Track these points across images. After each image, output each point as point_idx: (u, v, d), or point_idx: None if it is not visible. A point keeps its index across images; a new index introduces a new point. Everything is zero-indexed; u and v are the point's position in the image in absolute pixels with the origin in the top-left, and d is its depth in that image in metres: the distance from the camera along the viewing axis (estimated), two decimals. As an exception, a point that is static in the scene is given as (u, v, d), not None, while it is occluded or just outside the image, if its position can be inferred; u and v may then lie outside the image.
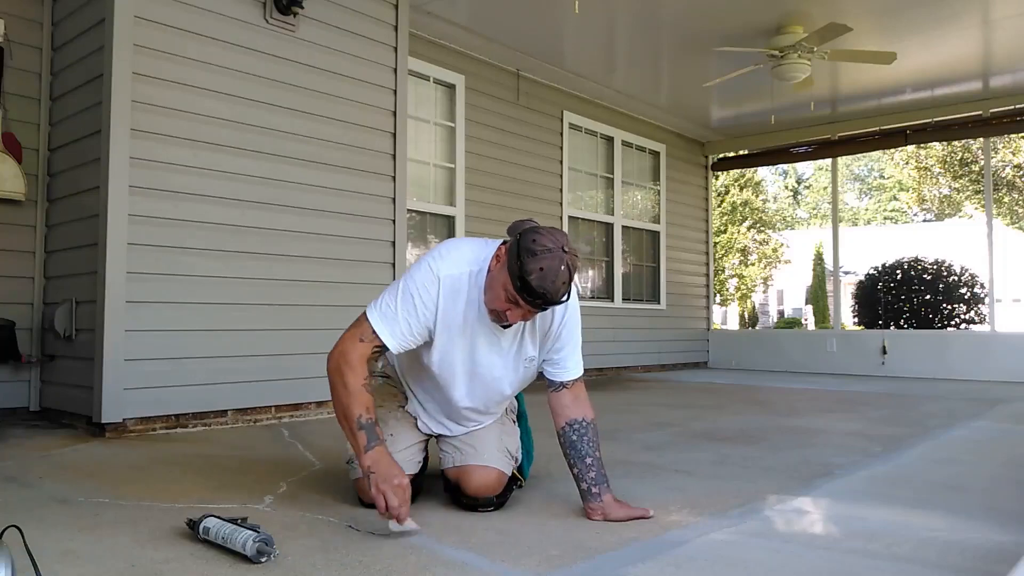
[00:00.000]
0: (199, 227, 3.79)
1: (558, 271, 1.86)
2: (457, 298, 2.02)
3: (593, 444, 2.12)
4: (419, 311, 2.00)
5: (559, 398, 2.17)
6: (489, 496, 2.17)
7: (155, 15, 3.65)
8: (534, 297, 1.87)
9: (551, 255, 1.86)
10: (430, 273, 2.01)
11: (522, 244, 1.89)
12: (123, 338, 3.51)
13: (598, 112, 7.52)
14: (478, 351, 2.09)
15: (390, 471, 1.88)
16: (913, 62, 6.43)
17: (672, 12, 5.66)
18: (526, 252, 1.86)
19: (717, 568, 1.70)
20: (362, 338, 1.99)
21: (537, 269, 1.84)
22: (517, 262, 1.87)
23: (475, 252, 2.06)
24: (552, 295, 1.88)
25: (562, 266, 1.87)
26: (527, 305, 1.90)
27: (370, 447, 1.90)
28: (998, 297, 8.74)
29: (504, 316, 1.95)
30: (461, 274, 2.02)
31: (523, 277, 1.85)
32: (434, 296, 2.00)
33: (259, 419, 4.01)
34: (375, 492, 1.85)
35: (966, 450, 3.43)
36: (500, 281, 1.92)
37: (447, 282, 2.00)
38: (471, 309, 2.03)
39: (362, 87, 4.51)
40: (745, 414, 4.63)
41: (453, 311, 2.03)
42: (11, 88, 4.00)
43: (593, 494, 2.09)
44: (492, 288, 1.95)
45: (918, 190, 22.64)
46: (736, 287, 22.09)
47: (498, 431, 2.27)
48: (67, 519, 2.06)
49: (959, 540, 1.94)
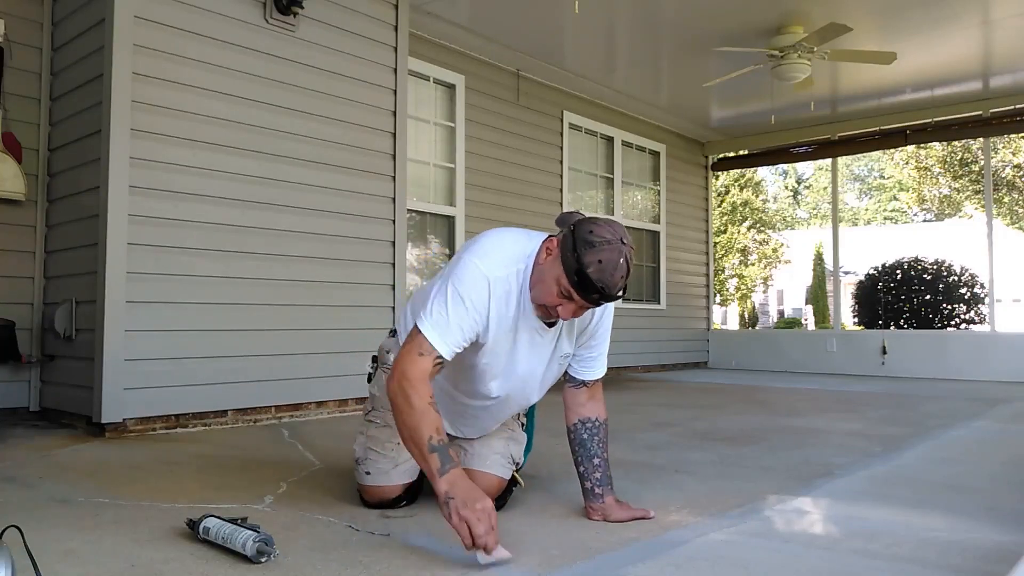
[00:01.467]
0: (199, 227, 3.79)
1: (617, 264, 1.77)
2: (509, 300, 1.91)
3: (603, 445, 2.09)
4: (471, 315, 1.86)
5: (576, 395, 2.12)
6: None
7: (155, 15, 3.65)
8: (591, 292, 1.78)
9: (610, 247, 1.77)
10: (478, 273, 1.87)
11: (578, 235, 1.79)
12: (123, 338, 3.51)
13: (598, 112, 7.52)
14: (519, 351, 1.99)
15: (471, 495, 1.68)
16: (913, 62, 6.43)
17: (672, 12, 5.66)
18: (583, 243, 1.77)
19: (717, 568, 1.70)
20: (421, 352, 1.83)
21: (596, 261, 1.75)
22: (573, 254, 1.77)
23: (520, 247, 1.95)
24: (610, 289, 1.78)
25: (621, 259, 1.78)
26: (582, 300, 1.81)
27: (445, 470, 1.71)
28: (998, 297, 8.73)
29: (554, 312, 1.86)
30: (509, 274, 1.91)
31: (581, 270, 1.76)
32: (485, 299, 1.87)
33: (259, 419, 4.01)
34: (457, 520, 1.65)
35: (966, 450, 3.43)
36: (553, 275, 1.82)
37: (497, 285, 1.88)
38: (517, 308, 1.93)
39: (362, 87, 4.51)
40: (745, 414, 4.63)
41: (505, 313, 1.92)
42: (11, 88, 4.00)
43: (596, 494, 2.07)
44: (543, 282, 1.85)
45: (918, 190, 22.64)
46: (736, 287, 22.09)
47: (505, 438, 2.25)
48: (67, 519, 2.05)
49: (959, 540, 1.94)
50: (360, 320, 4.46)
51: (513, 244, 1.96)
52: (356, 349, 4.41)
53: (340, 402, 4.37)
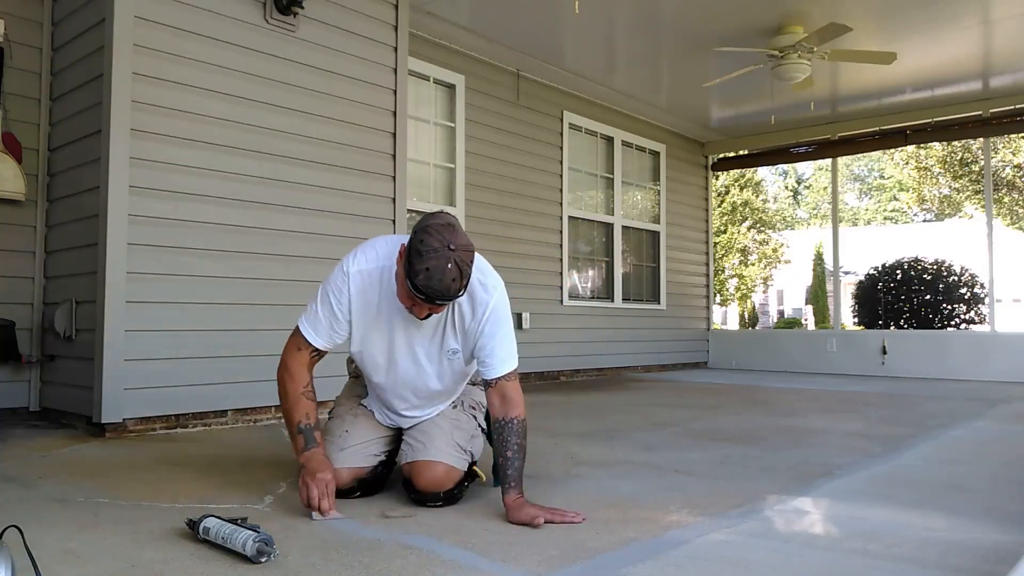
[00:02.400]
0: (199, 227, 3.79)
1: (445, 270, 1.91)
2: (369, 292, 2.13)
3: (506, 444, 2.10)
4: (335, 309, 2.14)
5: (489, 396, 2.19)
6: (436, 491, 2.19)
7: (155, 15, 3.65)
8: (425, 295, 1.95)
9: (436, 255, 1.91)
10: (341, 272, 2.15)
11: (412, 245, 1.96)
12: (123, 338, 3.51)
13: (598, 112, 7.52)
14: (396, 343, 2.19)
15: (319, 467, 2.05)
16: (913, 62, 6.43)
17: (672, 12, 5.66)
18: (414, 253, 1.94)
19: (717, 568, 1.70)
20: (299, 347, 2.18)
21: (424, 270, 1.91)
22: (407, 264, 1.95)
23: (388, 248, 2.16)
24: (443, 292, 1.94)
25: (448, 264, 1.92)
26: (424, 301, 1.98)
27: (307, 448, 2.09)
28: (998, 297, 8.73)
29: (414, 311, 2.04)
30: (372, 269, 2.13)
31: (411, 278, 1.94)
32: (346, 292, 2.13)
33: (259, 419, 4.01)
34: (301, 484, 2.04)
35: (966, 450, 3.43)
36: (401, 278, 2.01)
37: (356, 278, 2.13)
38: (385, 303, 2.13)
39: (362, 87, 4.51)
40: (745, 414, 4.63)
41: (366, 305, 2.14)
42: (11, 88, 4.00)
43: (502, 493, 2.09)
44: (399, 285, 2.04)
45: (918, 190, 22.62)
46: (736, 287, 22.08)
47: (450, 426, 2.28)
48: (67, 519, 2.05)
49: (959, 540, 1.94)
50: (360, 320, 4.45)
51: (384, 245, 2.18)
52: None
53: (340, 402, 4.37)
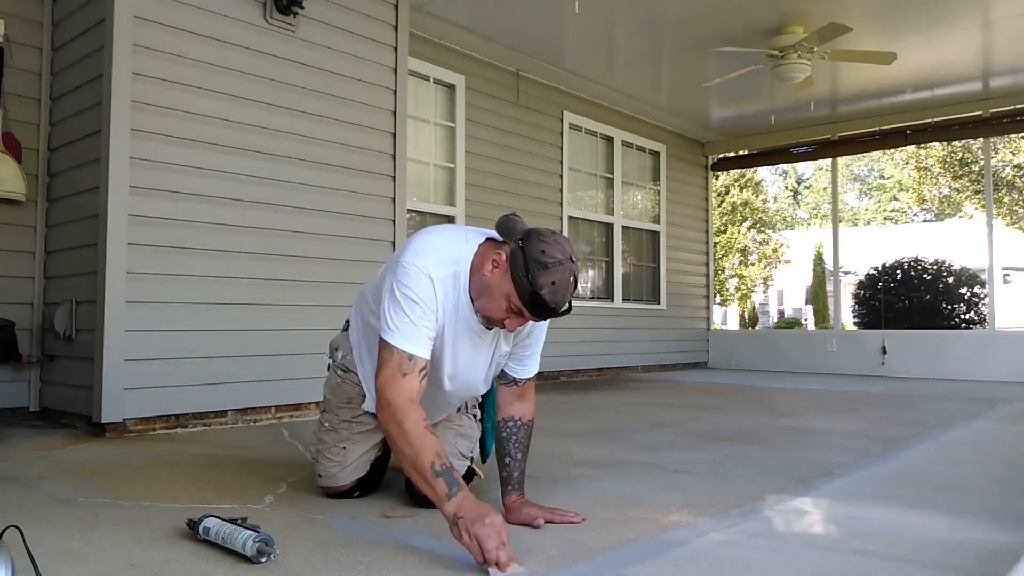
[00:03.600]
0: (199, 227, 3.79)
1: (568, 284, 1.80)
2: (447, 298, 1.92)
3: (518, 446, 2.08)
4: (428, 313, 1.87)
5: (507, 393, 2.12)
6: None
7: (155, 15, 3.65)
8: (543, 312, 1.82)
9: (562, 268, 1.78)
10: (421, 274, 1.87)
11: (529, 254, 1.79)
12: (123, 338, 3.51)
13: (598, 112, 7.52)
14: (460, 353, 2.01)
15: (480, 512, 1.66)
16: (913, 62, 6.43)
17: (672, 12, 5.66)
18: (536, 264, 1.77)
19: (717, 568, 1.70)
20: (404, 372, 1.82)
21: (549, 283, 1.77)
22: (526, 276, 1.78)
23: (455, 250, 1.95)
24: (559, 307, 1.83)
25: (571, 278, 1.81)
26: (532, 316, 1.85)
27: (452, 494, 1.69)
28: (998, 298, 8.73)
29: (499, 324, 1.90)
30: (447, 275, 1.91)
31: (535, 293, 1.78)
32: (433, 295, 1.88)
33: (259, 419, 4.00)
34: (468, 539, 1.63)
35: (966, 450, 3.43)
36: (502, 291, 1.83)
37: (439, 282, 1.89)
38: (455, 311, 1.94)
39: (362, 87, 4.51)
40: (745, 414, 4.63)
41: (446, 310, 1.93)
42: (11, 88, 4.00)
43: (504, 492, 2.08)
44: (490, 296, 1.86)
45: (918, 190, 22.62)
46: (736, 287, 22.08)
47: (454, 434, 2.29)
48: (67, 519, 2.05)
49: (959, 540, 1.94)
50: (360, 320, 4.45)
51: (447, 245, 1.96)
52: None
53: (340, 402, 4.37)
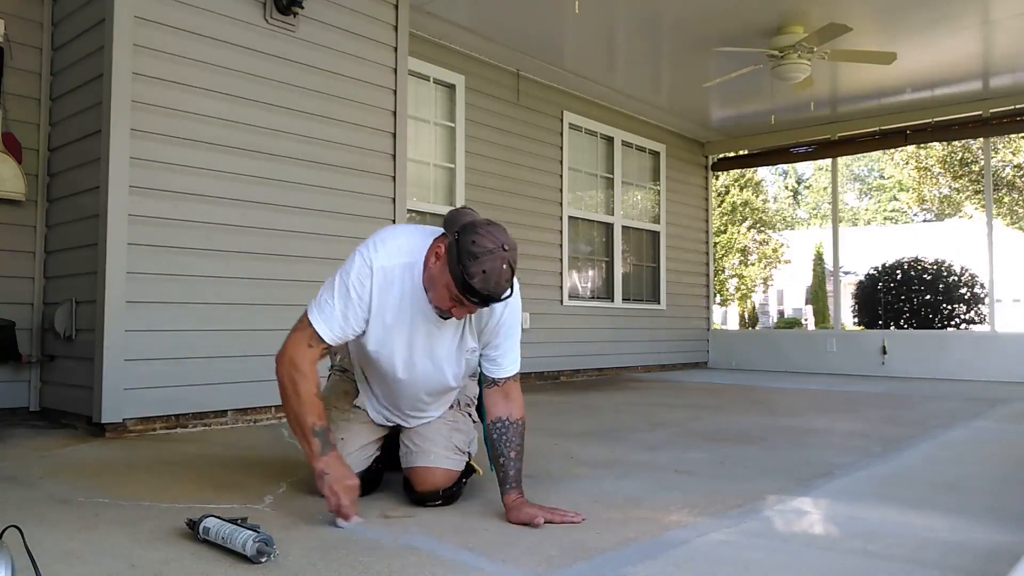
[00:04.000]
0: (199, 227, 3.79)
1: (500, 271, 1.88)
2: (391, 289, 2.03)
3: (510, 445, 2.11)
4: (355, 304, 2.02)
5: (490, 395, 2.17)
6: (435, 491, 2.20)
7: (155, 15, 3.65)
8: (478, 298, 1.90)
9: (492, 256, 1.87)
10: (364, 265, 2.02)
11: (462, 246, 1.88)
12: (123, 338, 3.51)
13: (598, 112, 7.52)
14: (416, 341, 2.10)
15: (341, 473, 1.99)
16: (913, 62, 6.43)
17: (672, 12, 5.66)
18: (467, 255, 1.87)
19: (717, 568, 1.70)
20: (310, 343, 2.03)
21: (480, 272, 1.86)
22: (459, 266, 1.87)
23: (411, 242, 2.06)
24: (495, 295, 1.91)
25: (503, 265, 1.88)
26: (470, 304, 1.93)
27: (324, 452, 2.00)
28: (998, 297, 8.74)
29: (449, 313, 1.99)
30: (394, 266, 2.02)
31: (466, 281, 1.87)
32: (368, 287, 2.01)
33: (259, 419, 4.01)
34: (328, 492, 1.96)
35: (966, 450, 3.43)
36: (443, 282, 1.93)
37: (380, 274, 2.01)
38: (406, 300, 2.04)
39: (362, 87, 4.51)
40: (745, 414, 4.63)
41: (387, 302, 2.04)
42: (11, 88, 4.00)
43: (502, 492, 2.10)
44: (435, 287, 1.97)
45: (918, 190, 22.63)
46: (736, 287, 22.09)
47: (448, 428, 2.28)
48: (67, 519, 2.06)
49: (959, 540, 1.94)
50: (360, 320, 4.45)
51: (405, 238, 2.08)
52: (356, 349, 4.41)
53: (340, 402, 4.37)
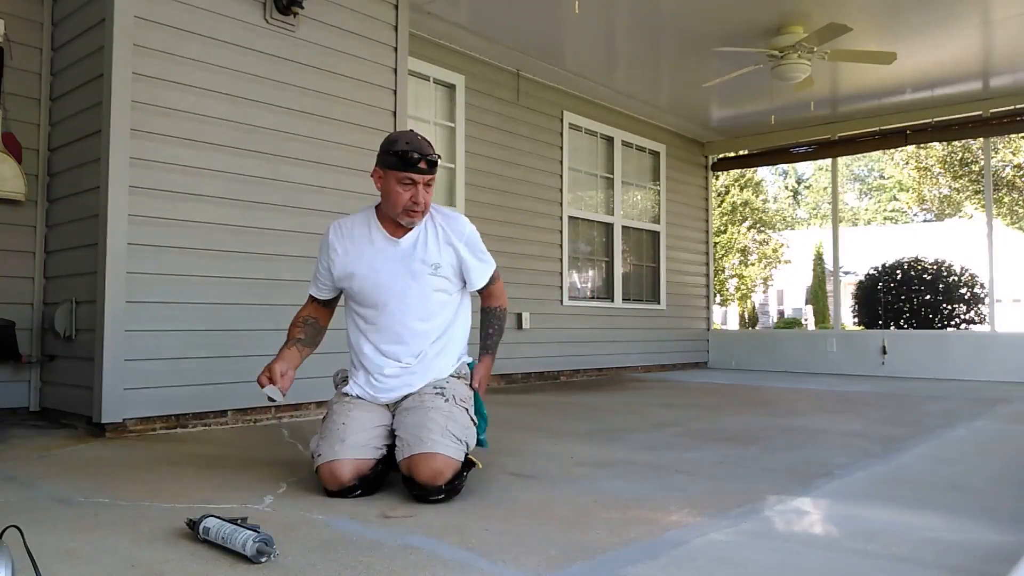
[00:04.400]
0: (199, 227, 3.79)
1: (416, 138, 2.40)
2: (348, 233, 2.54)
3: (489, 323, 2.71)
4: (323, 260, 2.59)
5: (483, 298, 2.73)
6: (438, 485, 2.21)
7: (155, 15, 3.65)
8: (413, 161, 2.34)
9: (404, 132, 2.44)
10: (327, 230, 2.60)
11: (383, 147, 2.42)
12: (123, 338, 3.51)
13: (598, 112, 7.52)
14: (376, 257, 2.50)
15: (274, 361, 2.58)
16: (913, 62, 6.43)
17: (672, 12, 5.66)
18: (389, 143, 2.41)
19: (717, 568, 1.70)
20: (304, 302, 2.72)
21: (403, 143, 2.37)
22: (388, 155, 2.38)
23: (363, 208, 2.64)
24: (423, 150, 2.37)
25: (417, 136, 2.41)
26: (418, 175, 2.36)
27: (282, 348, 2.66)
28: (998, 297, 8.74)
29: (412, 204, 2.39)
30: (348, 219, 2.58)
31: (396, 151, 2.35)
32: (327, 243, 2.56)
33: (259, 419, 4.01)
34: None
35: (966, 450, 3.43)
36: (390, 182, 2.39)
37: (334, 229, 2.57)
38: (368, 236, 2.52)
39: (362, 87, 4.51)
40: (745, 414, 4.63)
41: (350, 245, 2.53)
42: (11, 88, 4.00)
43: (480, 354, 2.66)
44: (388, 194, 2.42)
45: (918, 190, 22.63)
46: (736, 287, 22.08)
47: (443, 418, 2.31)
48: (67, 519, 2.06)
49: (959, 540, 1.94)
50: (360, 320, 4.45)
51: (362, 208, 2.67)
52: (356, 349, 4.41)
53: (340, 402, 4.37)
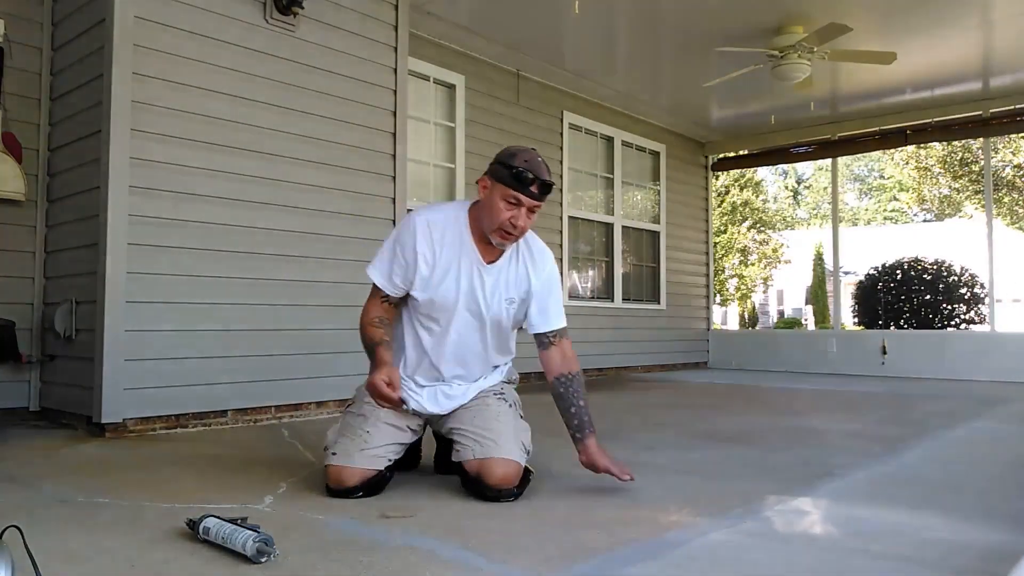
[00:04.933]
0: (199, 227, 3.79)
1: (536, 160, 2.25)
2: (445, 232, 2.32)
3: (578, 394, 2.38)
4: (401, 256, 2.33)
5: (549, 356, 2.43)
6: (511, 487, 2.27)
7: (155, 15, 3.65)
8: (528, 183, 2.20)
9: (525, 151, 2.27)
10: (411, 221, 2.35)
11: (499, 158, 2.28)
12: (123, 338, 3.51)
13: (598, 112, 7.52)
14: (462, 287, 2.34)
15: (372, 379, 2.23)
16: (913, 62, 6.42)
17: (672, 12, 5.66)
18: (507, 156, 2.25)
19: (717, 568, 1.70)
20: (372, 296, 2.42)
21: (522, 161, 2.22)
22: (503, 167, 2.23)
23: (457, 204, 2.46)
24: (542, 176, 2.23)
25: (538, 158, 2.26)
26: (527, 198, 2.22)
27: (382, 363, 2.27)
28: (998, 297, 8.73)
29: (509, 225, 2.24)
30: (440, 219, 2.35)
31: (513, 169, 2.20)
32: (413, 241, 2.31)
33: (259, 419, 4.00)
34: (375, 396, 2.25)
35: (966, 450, 3.43)
36: (496, 195, 2.24)
37: (423, 224, 2.32)
38: (456, 244, 2.33)
39: (362, 87, 4.51)
40: (745, 414, 4.63)
41: (440, 250, 2.32)
42: (11, 88, 3.99)
43: (577, 439, 2.35)
44: (490, 208, 2.26)
45: (918, 190, 22.64)
46: (736, 287, 22.08)
47: (513, 425, 2.37)
48: (67, 519, 2.05)
49: (959, 540, 1.94)
50: (360, 320, 4.45)
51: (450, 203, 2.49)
52: (357, 349, 4.38)
53: (340, 402, 4.36)
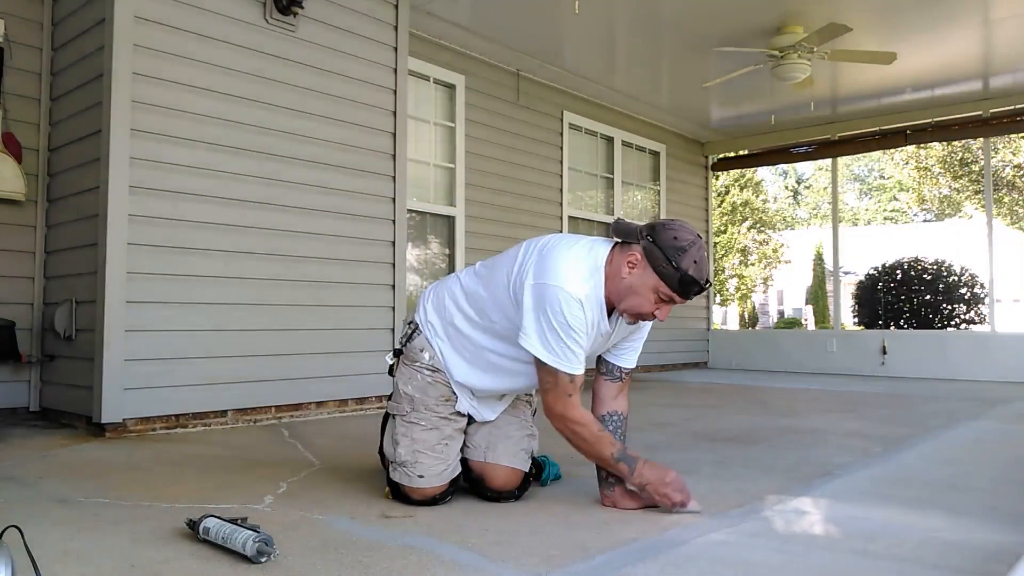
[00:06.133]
0: (199, 227, 3.79)
1: (705, 259, 2.03)
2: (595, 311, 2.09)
3: (622, 439, 2.26)
4: (582, 335, 2.07)
5: (607, 387, 2.29)
6: (512, 490, 2.28)
7: (155, 15, 3.65)
8: (694, 288, 2.02)
9: (696, 246, 2.01)
10: (571, 299, 2.03)
11: (665, 245, 2.00)
12: (123, 338, 3.51)
13: (598, 112, 7.52)
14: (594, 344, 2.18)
15: (658, 476, 2.10)
16: (913, 62, 6.42)
17: (672, 12, 5.65)
18: (675, 251, 1.99)
19: (717, 568, 1.70)
20: (569, 394, 2.10)
21: (692, 263, 2.00)
22: (669, 264, 1.99)
23: (589, 263, 2.10)
24: (708, 280, 2.07)
25: (705, 253, 2.04)
26: (682, 299, 2.06)
27: (633, 470, 2.11)
28: (998, 297, 8.73)
29: (650, 316, 2.10)
30: (591, 290, 2.07)
31: (683, 275, 1.99)
32: (583, 317, 2.05)
33: (259, 419, 4.00)
34: (659, 498, 2.10)
35: (966, 450, 3.43)
36: (648, 285, 2.03)
37: (587, 301, 2.06)
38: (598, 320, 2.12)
39: (362, 87, 4.51)
40: (745, 414, 4.63)
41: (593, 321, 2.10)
42: (11, 88, 4.00)
43: (608, 483, 2.21)
44: (637, 294, 2.05)
45: (918, 190, 22.62)
46: (736, 287, 22.08)
47: (527, 434, 2.37)
48: (67, 519, 2.05)
49: (959, 540, 1.94)
50: (360, 320, 4.46)
51: (582, 259, 2.10)
52: (356, 349, 4.42)
53: (340, 402, 4.37)
